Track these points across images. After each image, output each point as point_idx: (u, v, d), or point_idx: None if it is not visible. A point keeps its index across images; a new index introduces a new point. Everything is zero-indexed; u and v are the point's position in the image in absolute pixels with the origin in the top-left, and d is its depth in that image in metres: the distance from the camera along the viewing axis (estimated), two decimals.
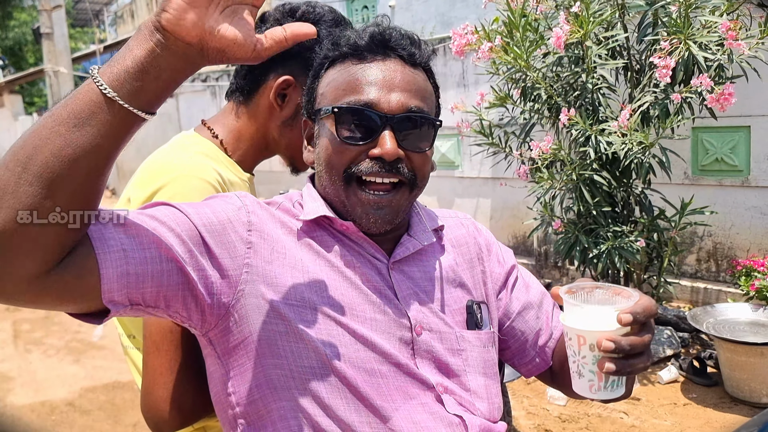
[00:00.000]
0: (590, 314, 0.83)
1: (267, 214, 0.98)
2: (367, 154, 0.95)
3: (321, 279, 0.95)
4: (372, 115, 0.95)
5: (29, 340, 4.81)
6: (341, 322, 0.93)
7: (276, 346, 0.91)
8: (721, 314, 3.16)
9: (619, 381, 0.84)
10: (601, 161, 3.39)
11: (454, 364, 1.00)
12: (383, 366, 0.94)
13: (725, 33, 2.86)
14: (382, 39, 0.99)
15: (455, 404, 0.98)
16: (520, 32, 3.33)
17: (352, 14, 8.68)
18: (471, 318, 1.05)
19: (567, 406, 3.12)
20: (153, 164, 1.21)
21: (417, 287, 1.02)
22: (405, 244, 1.03)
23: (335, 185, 0.98)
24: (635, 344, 0.80)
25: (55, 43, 6.82)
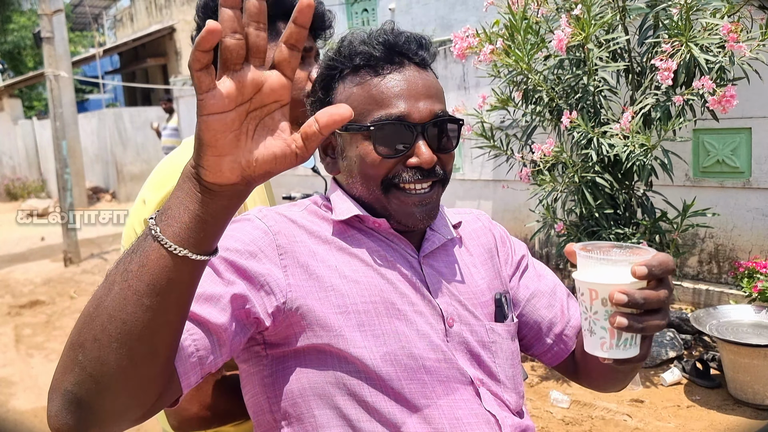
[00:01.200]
0: (603, 268, 0.79)
1: (293, 228, 1.00)
2: (405, 163, 1.00)
3: (358, 281, 0.98)
4: (406, 127, 0.98)
5: (31, 344, 4.81)
6: (383, 321, 0.96)
7: (322, 354, 0.94)
8: (724, 316, 3.16)
9: (633, 340, 0.80)
10: (603, 163, 3.39)
11: (486, 356, 1.03)
12: (427, 360, 0.96)
13: (726, 35, 2.87)
14: (392, 47, 1.01)
15: (490, 398, 1.01)
16: (521, 35, 3.33)
17: (352, 17, 8.68)
18: (500, 310, 1.08)
19: (570, 409, 3.12)
20: (167, 166, 1.23)
21: (446, 280, 1.05)
22: (431, 239, 1.07)
23: (374, 194, 1.02)
24: (650, 298, 0.77)
25: (55, 47, 6.82)
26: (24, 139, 15.20)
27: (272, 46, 1.29)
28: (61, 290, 6.28)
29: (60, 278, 6.76)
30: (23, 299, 5.98)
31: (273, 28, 1.29)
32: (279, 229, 0.98)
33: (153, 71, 17.18)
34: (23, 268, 7.32)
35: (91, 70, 19.75)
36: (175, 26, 14.65)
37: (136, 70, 17.94)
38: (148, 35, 14.79)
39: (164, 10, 15.19)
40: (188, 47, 15.42)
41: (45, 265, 7.44)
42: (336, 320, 0.94)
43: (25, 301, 5.90)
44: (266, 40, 0.64)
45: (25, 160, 15.24)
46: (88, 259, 7.49)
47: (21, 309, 5.71)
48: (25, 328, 5.21)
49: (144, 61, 16.31)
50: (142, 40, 15.02)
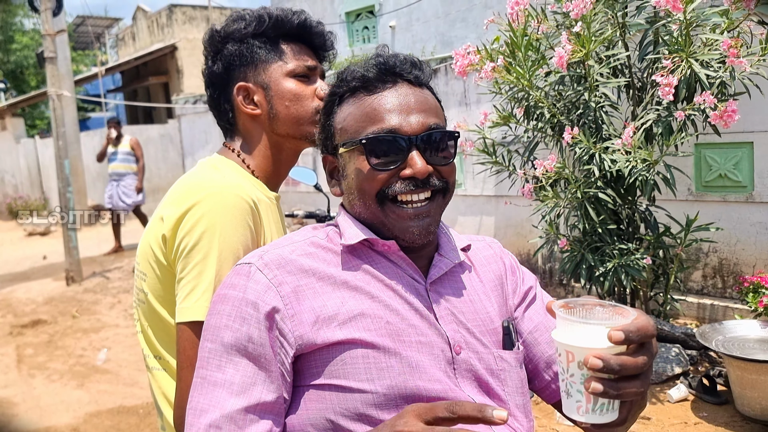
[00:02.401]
0: (581, 330, 0.77)
1: (293, 269, 1.00)
2: (399, 176, 1.01)
3: (364, 314, 0.98)
4: (398, 140, 1.00)
5: (33, 364, 4.78)
6: (388, 354, 0.95)
7: (323, 390, 0.95)
8: (729, 331, 3.14)
9: (610, 405, 0.78)
10: (606, 179, 3.39)
11: (494, 384, 1.02)
12: (431, 393, 0.95)
13: (727, 50, 2.88)
14: (387, 67, 1.04)
15: (504, 428, 0.99)
16: (522, 52, 3.35)
17: (353, 34, 8.75)
18: (508, 338, 1.07)
19: (575, 428, 3.09)
20: (186, 183, 1.24)
21: (452, 307, 1.05)
22: (438, 265, 1.07)
23: (370, 208, 1.03)
24: (626, 365, 0.76)
25: (58, 67, 6.86)
26: (26, 158, 15.24)
27: (275, 67, 1.32)
28: (63, 309, 6.26)
29: (62, 297, 6.74)
30: (25, 318, 5.96)
31: (276, 48, 1.31)
32: (282, 279, 0.99)
33: (155, 89, 17.29)
34: (25, 287, 7.31)
35: (93, 89, 19.87)
36: (176, 44, 14.76)
37: (138, 88, 18.04)
38: (149, 54, 14.90)
39: (166, 28, 15.32)
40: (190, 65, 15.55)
41: (47, 284, 7.43)
42: (340, 357, 0.95)
43: (27, 321, 5.88)
44: None
45: (27, 178, 15.27)
46: (90, 277, 7.48)
47: (23, 328, 5.69)
48: (27, 348, 5.19)
49: (146, 79, 16.41)
50: (143, 59, 15.12)
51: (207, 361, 0.96)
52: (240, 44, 1.31)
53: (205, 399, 0.93)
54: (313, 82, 1.35)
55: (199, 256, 1.14)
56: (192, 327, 1.12)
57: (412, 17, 8.11)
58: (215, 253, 1.13)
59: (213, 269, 1.13)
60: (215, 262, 1.13)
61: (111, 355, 4.79)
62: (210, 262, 1.13)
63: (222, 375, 0.93)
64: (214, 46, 1.34)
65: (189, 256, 1.14)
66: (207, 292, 1.12)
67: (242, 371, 0.93)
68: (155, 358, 1.28)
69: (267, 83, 1.32)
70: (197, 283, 1.13)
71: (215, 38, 1.34)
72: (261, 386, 0.93)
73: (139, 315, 1.31)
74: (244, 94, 1.33)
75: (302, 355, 0.96)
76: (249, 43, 1.31)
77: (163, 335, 1.25)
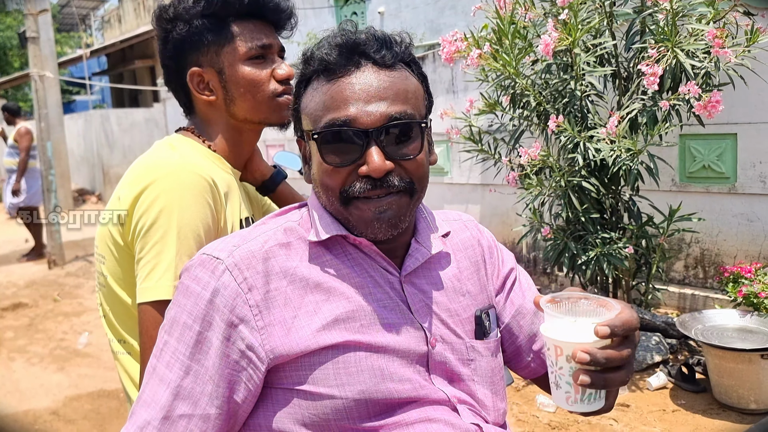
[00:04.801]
0: (568, 325, 0.82)
1: (264, 270, 0.94)
2: (358, 172, 0.93)
3: (337, 317, 0.94)
4: (353, 133, 0.92)
5: (12, 348, 4.74)
6: (360, 357, 0.93)
7: (291, 394, 0.92)
8: (709, 320, 3.17)
9: (597, 394, 0.83)
10: (590, 168, 3.40)
11: (465, 374, 1.01)
12: (403, 392, 0.94)
13: (712, 41, 2.89)
14: (350, 48, 0.94)
15: (470, 414, 0.99)
16: (509, 39, 3.34)
17: (341, 20, 8.68)
18: (480, 328, 1.05)
19: (556, 413, 3.12)
20: (142, 163, 1.22)
21: (427, 299, 1.02)
22: (414, 255, 1.02)
23: (334, 205, 0.97)
24: (612, 357, 0.80)
25: (40, 48, 6.75)
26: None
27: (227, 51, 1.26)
28: (45, 293, 6.20)
29: (44, 281, 6.68)
30: (6, 302, 5.90)
31: (226, 30, 1.25)
32: (252, 284, 0.92)
33: (141, 73, 17.09)
34: (6, 271, 7.23)
35: (79, 71, 19.61)
36: None
37: (123, 71, 17.83)
38: (135, 37, 14.70)
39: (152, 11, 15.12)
40: None
41: (29, 268, 7.36)
42: (310, 363, 0.91)
43: (7, 304, 5.82)
44: None
45: None
46: (73, 261, 7.41)
47: (3, 312, 5.64)
48: (7, 331, 5.14)
49: (132, 62, 16.23)
50: (129, 42, 14.93)
51: (161, 353, 0.93)
52: (189, 26, 1.25)
53: (150, 392, 0.91)
54: (270, 61, 1.29)
55: (157, 235, 1.12)
56: (154, 306, 1.10)
57: (401, 3, 8.06)
58: (174, 231, 1.12)
59: (173, 248, 1.11)
60: (175, 240, 1.11)
61: (92, 339, 4.76)
62: (169, 240, 1.11)
63: (170, 374, 0.90)
64: (163, 27, 1.28)
65: (147, 236, 1.12)
66: (168, 271, 1.10)
67: (191, 377, 0.90)
68: (119, 342, 1.26)
69: (220, 68, 1.26)
70: (157, 262, 1.11)
71: (163, 18, 1.27)
72: (206, 398, 0.89)
73: (101, 299, 1.29)
74: (198, 80, 1.28)
75: (271, 366, 0.92)
76: (197, 25, 1.24)
77: (125, 318, 1.23)
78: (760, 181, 3.89)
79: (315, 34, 5.43)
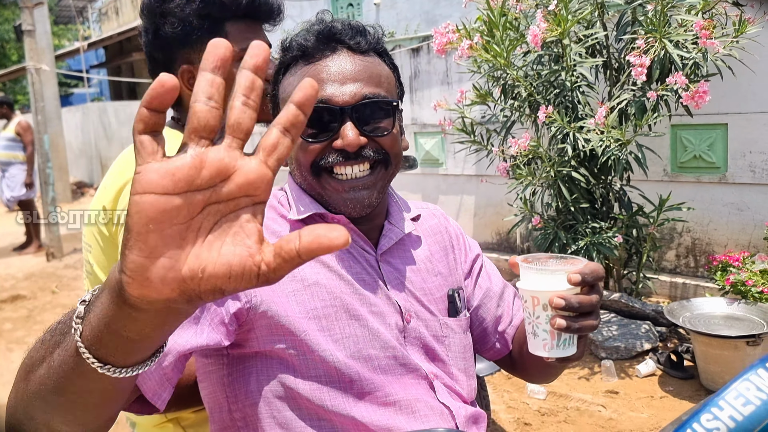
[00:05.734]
0: (543, 277, 0.89)
1: None
2: (332, 147, 0.99)
3: (319, 284, 0.99)
4: (329, 110, 0.97)
5: (11, 339, 4.78)
6: (342, 324, 0.98)
7: (285, 360, 0.96)
8: (697, 308, 3.21)
9: (570, 340, 0.90)
10: (579, 158, 3.43)
11: (440, 351, 1.07)
12: (382, 360, 0.99)
13: (699, 32, 2.91)
14: (327, 35, 1.01)
15: (444, 391, 1.05)
16: (499, 31, 3.36)
17: (338, 12, 8.67)
18: (452, 306, 1.12)
19: (546, 400, 3.16)
20: (127, 156, 1.26)
21: (402, 277, 1.08)
22: (388, 235, 1.09)
23: (307, 180, 1.02)
24: (584, 302, 0.87)
25: (37, 41, 6.76)
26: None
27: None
28: (43, 285, 6.24)
29: (42, 273, 6.72)
30: (4, 294, 5.94)
31: (221, 31, 1.28)
32: None
33: (139, 65, 17.05)
34: (5, 263, 7.27)
35: (76, 64, 19.57)
36: None
37: (121, 64, 17.80)
38: (133, 29, 14.66)
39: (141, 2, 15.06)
40: None
41: (27, 260, 7.39)
42: (299, 325, 0.95)
43: (6, 296, 5.86)
44: (254, 120, 0.50)
45: None
46: (71, 254, 7.45)
47: (2, 304, 5.68)
48: (6, 322, 5.18)
49: (130, 55, 16.18)
50: (127, 34, 14.89)
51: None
52: (182, 24, 1.27)
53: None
54: None
55: None
56: None
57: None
58: None
59: None
60: None
61: None
62: None
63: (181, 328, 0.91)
64: (153, 20, 1.30)
65: None
66: None
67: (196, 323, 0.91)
68: None
69: None
70: None
71: (154, 11, 1.30)
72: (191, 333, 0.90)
73: (88, 286, 1.34)
74: (189, 77, 1.31)
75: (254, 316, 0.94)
76: (191, 23, 1.27)
77: None
78: (750, 171, 3.92)
79: None
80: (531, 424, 2.96)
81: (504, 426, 2.96)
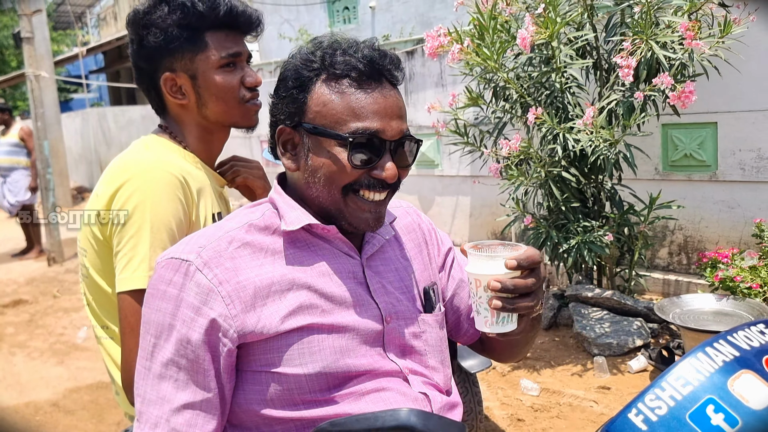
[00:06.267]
0: (486, 263, 0.99)
1: (232, 266, 1.03)
2: (369, 174, 1.06)
3: (302, 303, 1.04)
4: (379, 143, 1.04)
5: (13, 343, 4.84)
6: (323, 337, 1.04)
7: (259, 375, 1.03)
8: (687, 305, 3.27)
9: (509, 318, 1.00)
10: (570, 158, 3.49)
11: (417, 346, 1.15)
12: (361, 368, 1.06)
13: (684, 33, 2.97)
14: (376, 65, 1.06)
15: (419, 382, 1.12)
16: (490, 34, 3.42)
17: (334, 15, 8.73)
18: (428, 302, 1.19)
19: (540, 396, 3.22)
20: (118, 162, 1.32)
21: (383, 279, 1.15)
22: (371, 241, 1.16)
23: (333, 196, 1.07)
24: (518, 285, 0.97)
25: (35, 48, 6.82)
26: None
27: (200, 58, 1.34)
28: (44, 289, 6.30)
29: (43, 277, 6.78)
30: (6, 299, 6.00)
31: (200, 40, 1.34)
32: (223, 278, 1.01)
33: None
34: (6, 268, 7.33)
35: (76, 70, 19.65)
36: None
37: (120, 69, 17.88)
38: None
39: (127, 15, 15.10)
40: None
41: (28, 265, 7.45)
42: (279, 345, 1.02)
43: (8, 301, 5.92)
44: None
45: None
46: (72, 258, 7.50)
47: (4, 308, 5.74)
48: (8, 326, 5.24)
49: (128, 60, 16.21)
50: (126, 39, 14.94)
51: (152, 355, 1.02)
52: (164, 34, 1.32)
53: (151, 391, 1.01)
54: (239, 68, 1.38)
55: (132, 229, 1.23)
56: (132, 295, 1.21)
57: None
58: (147, 226, 1.22)
59: (147, 241, 1.22)
60: (149, 234, 1.22)
61: (91, 333, 4.86)
62: (143, 234, 1.22)
63: (167, 371, 1.01)
64: (137, 31, 1.36)
65: (123, 230, 1.23)
66: (143, 263, 1.21)
67: (185, 371, 1.00)
68: (102, 328, 1.37)
69: (194, 74, 1.35)
70: (133, 254, 1.22)
71: (138, 23, 1.35)
72: (202, 384, 1.00)
73: (84, 289, 1.40)
74: (172, 84, 1.36)
75: (243, 344, 1.03)
76: (173, 33, 1.32)
77: (107, 306, 1.34)
78: (740, 169, 3.97)
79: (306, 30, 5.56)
80: (524, 420, 3.01)
81: (497, 422, 3.01)
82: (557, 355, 3.64)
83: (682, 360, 0.69)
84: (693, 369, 0.67)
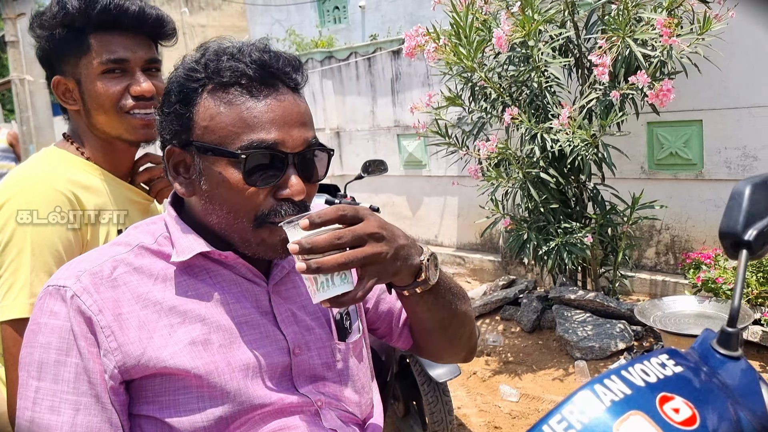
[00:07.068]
0: (296, 233, 0.86)
1: (114, 294, 0.92)
2: (274, 195, 0.93)
3: (194, 338, 0.92)
4: (279, 156, 0.92)
5: None
6: (224, 379, 0.92)
7: (151, 420, 0.92)
8: (668, 307, 3.20)
9: (329, 281, 0.86)
10: (549, 159, 3.42)
11: (331, 377, 1.03)
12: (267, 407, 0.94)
13: (661, 30, 2.90)
14: (269, 69, 0.93)
15: (332, 416, 1.01)
16: (466, 32, 3.35)
17: (324, 15, 8.68)
18: (341, 331, 1.07)
19: (519, 403, 3.16)
20: (5, 179, 1.24)
21: (293, 305, 1.03)
22: (281, 264, 1.03)
23: (242, 227, 0.94)
24: (316, 242, 0.83)
25: (21, 51, 6.79)
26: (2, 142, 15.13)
27: (83, 63, 1.25)
28: None
29: None
30: None
31: (83, 41, 1.25)
32: (102, 306, 0.90)
33: None
34: None
35: None
36: None
37: None
38: None
39: None
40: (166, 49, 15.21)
41: None
42: (171, 387, 0.91)
43: None
44: None
45: None
46: None
47: None
48: None
49: None
50: None
51: (35, 401, 0.88)
52: (52, 35, 1.26)
53: None
54: (129, 76, 1.27)
55: (12, 252, 1.14)
56: (12, 325, 1.12)
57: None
58: (28, 249, 1.13)
59: (28, 265, 1.13)
60: (29, 258, 1.13)
61: None
62: (24, 257, 1.13)
63: (59, 417, 0.87)
64: (33, 32, 1.28)
65: (3, 254, 1.15)
66: (24, 289, 1.12)
67: (83, 412, 0.88)
68: None
69: (78, 79, 1.26)
70: (14, 280, 1.13)
71: (33, 24, 1.28)
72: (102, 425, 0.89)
73: None
74: (64, 89, 1.28)
75: (132, 383, 0.91)
76: (58, 35, 1.25)
77: None
78: (726, 167, 3.90)
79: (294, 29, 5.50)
80: (501, 428, 2.95)
81: (474, 430, 2.95)
82: (539, 359, 3.58)
83: (565, 401, 0.63)
84: (577, 410, 0.61)
